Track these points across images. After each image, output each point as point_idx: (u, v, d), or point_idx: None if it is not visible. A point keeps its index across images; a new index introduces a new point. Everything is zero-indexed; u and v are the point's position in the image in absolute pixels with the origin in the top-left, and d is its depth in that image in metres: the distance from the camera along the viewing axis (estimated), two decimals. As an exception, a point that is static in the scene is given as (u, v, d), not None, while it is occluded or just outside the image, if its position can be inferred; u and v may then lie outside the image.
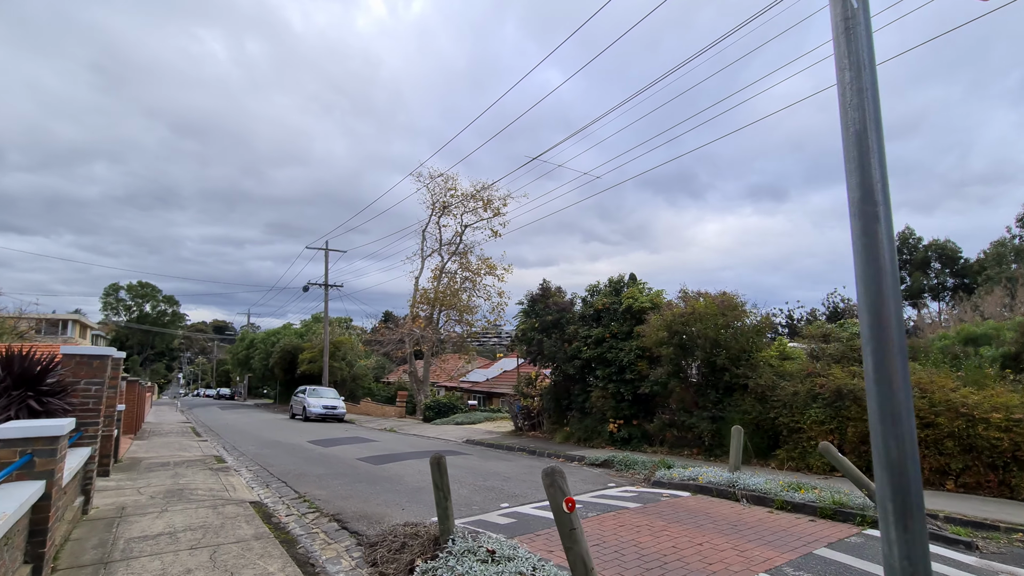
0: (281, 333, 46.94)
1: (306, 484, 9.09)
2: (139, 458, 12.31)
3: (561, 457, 12.03)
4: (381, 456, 12.14)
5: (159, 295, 78.97)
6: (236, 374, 67.38)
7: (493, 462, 11.30)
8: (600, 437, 13.12)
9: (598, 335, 13.31)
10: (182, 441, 16.12)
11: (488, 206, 26.86)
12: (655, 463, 9.46)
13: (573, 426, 14.10)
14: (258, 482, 9.65)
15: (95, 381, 7.08)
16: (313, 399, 25.93)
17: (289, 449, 14.21)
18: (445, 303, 26.44)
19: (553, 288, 16.24)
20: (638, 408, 12.67)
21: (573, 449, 12.84)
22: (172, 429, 20.93)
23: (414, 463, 10.97)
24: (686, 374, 11.43)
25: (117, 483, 9.09)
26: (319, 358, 36.58)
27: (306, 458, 12.31)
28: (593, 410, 13.37)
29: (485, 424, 20.84)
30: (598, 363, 13.32)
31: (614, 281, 14.24)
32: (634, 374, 12.41)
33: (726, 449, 10.53)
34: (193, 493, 8.14)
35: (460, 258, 27.91)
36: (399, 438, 17.04)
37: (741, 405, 10.21)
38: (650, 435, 12.35)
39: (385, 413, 28.61)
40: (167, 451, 13.73)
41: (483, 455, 12.57)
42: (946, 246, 58.09)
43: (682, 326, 10.95)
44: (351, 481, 9.18)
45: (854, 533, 5.24)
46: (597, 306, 13.64)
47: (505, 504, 7.04)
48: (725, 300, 10.72)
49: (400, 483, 8.85)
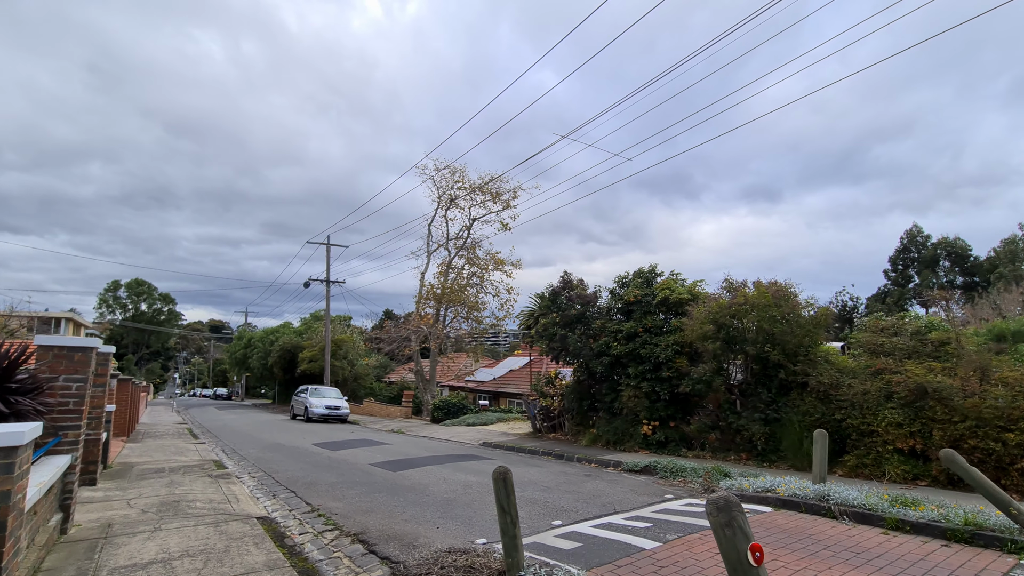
0: (280, 332, 45.79)
1: (318, 494, 8.05)
2: (131, 463, 11.25)
3: (593, 462, 11.02)
4: (397, 461, 11.10)
5: (155, 293, 77.57)
6: (233, 373, 66.18)
7: (522, 468, 10.28)
8: (632, 440, 12.11)
9: (630, 329, 12.31)
10: (178, 444, 15.05)
11: (497, 198, 25.85)
12: (708, 470, 8.46)
13: (600, 428, 13.10)
14: (264, 491, 8.62)
15: (76, 377, 6.03)
16: (315, 399, 24.85)
17: (294, 453, 13.17)
18: (453, 299, 25.40)
19: (575, 280, 15.23)
20: (675, 409, 11.67)
21: (604, 453, 11.83)
22: (168, 431, 19.84)
23: (436, 470, 9.94)
24: (733, 371, 10.44)
25: (105, 493, 8.04)
26: (320, 357, 35.48)
27: (314, 463, 11.28)
28: (624, 411, 12.37)
29: (498, 425, 19.82)
30: (630, 360, 12.31)
31: (644, 272, 13.24)
32: (671, 372, 11.41)
33: (782, 454, 9.55)
34: (191, 506, 7.11)
35: (468, 253, 26.88)
36: (410, 440, 16.00)
37: (800, 405, 9.22)
38: (689, 438, 11.36)
39: (390, 414, 27.55)
40: (162, 455, 12.67)
41: (507, 460, 11.54)
42: (955, 244, 57.30)
43: (730, 319, 9.96)
44: (369, 491, 8.15)
45: (1012, 565, 4.25)
46: (628, 298, 12.62)
47: (557, 521, 6.02)
48: (779, 290, 9.73)
49: (425, 494, 7.83)
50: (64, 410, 5.89)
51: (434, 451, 13.03)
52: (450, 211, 27.18)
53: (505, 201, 25.66)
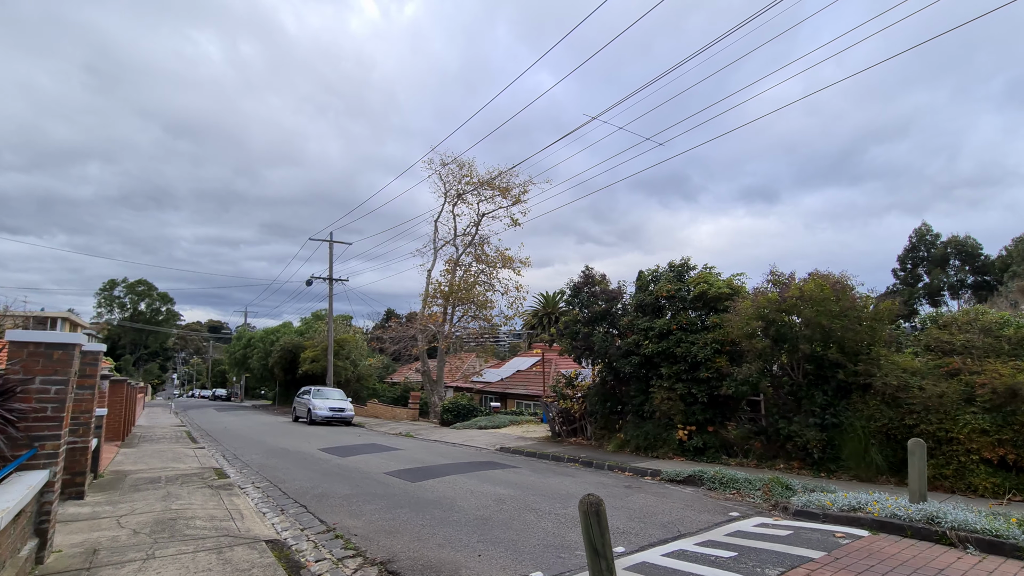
0: (280, 331, 44.86)
1: (332, 509, 7.18)
2: (125, 471, 10.36)
3: (627, 470, 10.14)
4: (414, 470, 10.22)
5: (154, 292, 76.54)
6: (233, 374, 65.23)
7: (552, 478, 9.40)
8: (665, 446, 11.24)
9: (662, 327, 11.43)
10: (176, 449, 14.15)
11: (507, 193, 24.98)
12: (766, 482, 7.60)
13: (628, 432, 12.22)
14: (270, 505, 7.73)
15: (56, 379, 5.16)
16: (318, 401, 23.95)
17: (300, 459, 12.28)
18: (462, 297, 24.51)
19: (597, 275, 14.37)
20: (713, 412, 10.80)
21: (636, 460, 10.95)
22: (165, 434, 18.94)
23: (459, 480, 9.06)
24: (782, 372, 9.58)
25: (93, 509, 7.15)
26: (322, 357, 34.57)
27: (323, 472, 10.39)
28: (656, 414, 11.50)
29: (511, 428, 18.94)
30: (662, 359, 11.45)
31: (676, 265, 12.36)
32: (711, 372, 10.54)
33: (842, 464, 8.67)
34: (190, 525, 6.22)
35: (476, 250, 26.01)
36: (422, 445, 15.11)
37: (863, 409, 8.36)
38: (729, 444, 10.49)
39: (396, 416, 26.66)
40: (158, 462, 11.78)
41: (533, 468, 10.67)
42: (966, 243, 56.52)
43: (780, 314, 9.10)
44: (389, 506, 7.27)
45: None
46: (660, 293, 11.75)
47: (619, 548, 5.15)
48: (837, 282, 8.87)
49: (454, 510, 6.95)
50: (41, 417, 5.02)
51: (451, 457, 12.14)
52: (458, 206, 26.35)
53: (515, 196, 24.80)
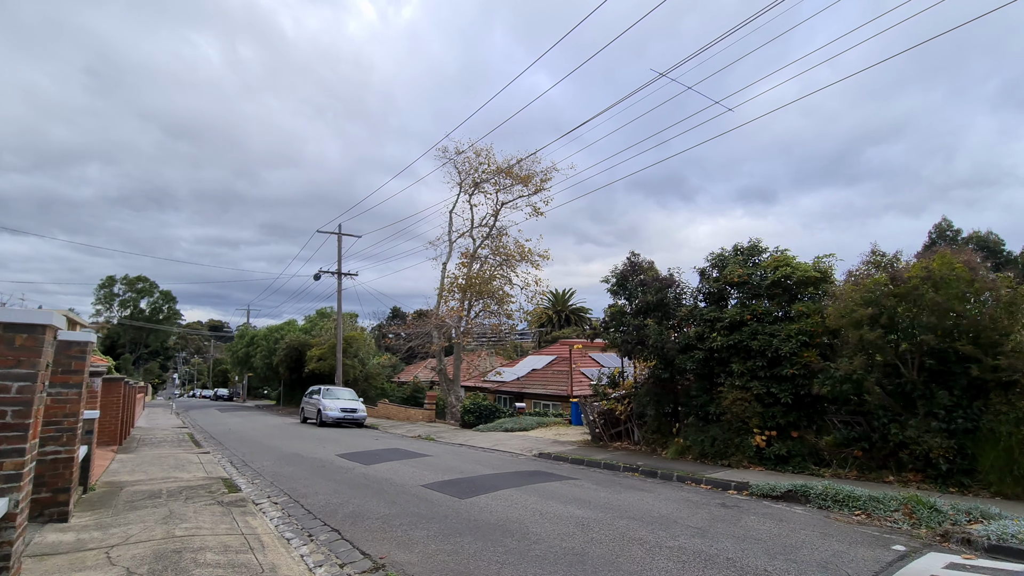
0: (285, 329, 43.47)
1: (373, 536, 5.77)
2: (120, 483, 8.96)
3: (702, 482, 8.73)
4: (456, 482, 8.80)
5: (156, 290, 75.11)
6: (235, 374, 63.85)
7: (626, 494, 7.98)
8: (739, 453, 9.82)
9: (733, 317, 10.02)
10: (178, 454, 12.76)
11: (528, 181, 23.56)
12: (903, 502, 6.18)
13: (690, 437, 10.81)
14: (294, 528, 6.33)
15: (17, 373, 3.78)
16: (328, 401, 22.55)
17: (318, 467, 10.88)
18: (482, 290, 23.09)
19: (644, 261, 12.95)
20: (798, 415, 9.39)
21: (706, 469, 9.54)
22: (166, 436, 17.56)
23: (515, 496, 7.65)
24: (887, 367, 8.16)
25: (78, 537, 5.75)
26: (329, 355, 33.20)
27: (348, 483, 8.99)
28: (726, 416, 10.09)
29: (540, 431, 17.53)
30: (733, 354, 10.04)
31: (744, 248, 10.93)
32: (797, 368, 9.13)
33: (979, 477, 7.24)
34: (199, 560, 4.82)
35: (494, 241, 24.60)
36: (451, 451, 13.70)
37: (1008, 412, 6.96)
38: (820, 452, 9.07)
39: (410, 416, 25.26)
40: (159, 470, 10.39)
41: (592, 479, 9.26)
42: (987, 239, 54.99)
43: (893, 299, 7.70)
44: (444, 531, 5.86)
45: None
46: (731, 279, 10.31)
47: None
48: (970, 260, 7.48)
49: (531, 539, 5.54)
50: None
51: (490, 466, 10.73)
52: (475, 196, 24.94)
53: (537, 184, 23.39)
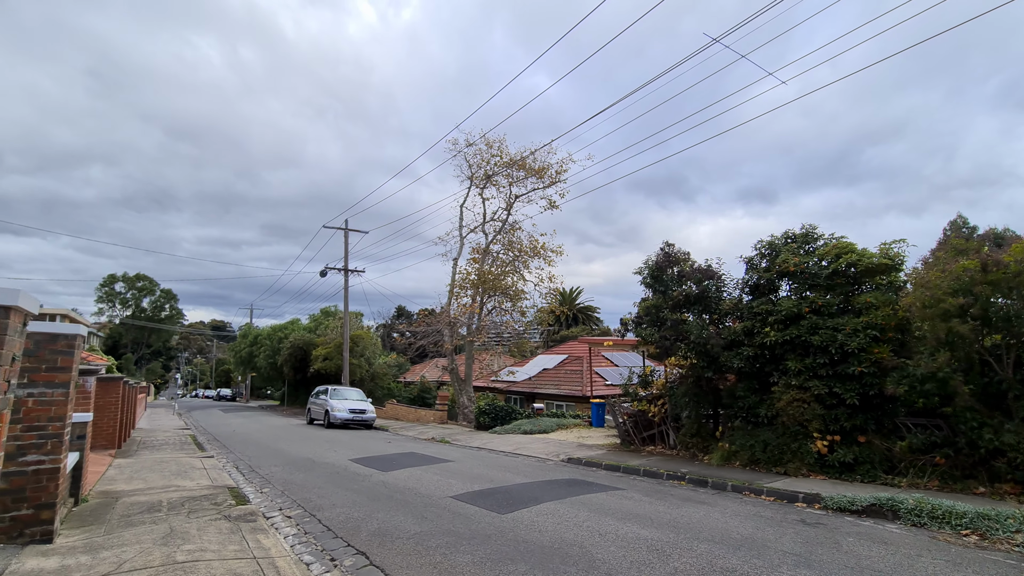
0: (289, 328, 42.65)
1: (407, 560, 4.89)
2: (116, 492, 8.10)
3: (763, 493, 7.84)
4: (488, 493, 7.92)
5: (157, 288, 74.33)
6: (238, 373, 63.06)
7: (685, 508, 7.09)
8: (796, 460, 8.92)
9: (789, 309, 9.11)
10: (180, 459, 11.90)
11: (543, 174, 22.66)
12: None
13: (737, 441, 9.91)
14: (314, 550, 5.45)
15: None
16: (336, 401, 21.68)
17: (332, 474, 10.01)
18: (496, 285, 22.20)
19: (679, 252, 12.06)
20: (866, 417, 8.47)
21: (761, 478, 8.64)
22: (168, 438, 16.72)
23: (564, 511, 6.75)
24: (983, 365, 7.26)
25: (62, 562, 4.87)
26: (335, 354, 32.37)
27: (369, 493, 8.12)
28: (780, 419, 9.19)
29: (560, 433, 16.64)
30: (789, 350, 9.14)
31: (796, 235, 9.99)
32: (866, 365, 8.22)
33: (1097, 489, 6.34)
34: (205, 600, 3.96)
35: (506, 236, 23.70)
36: (471, 455, 12.82)
37: None
38: (893, 458, 8.16)
39: (420, 418, 24.39)
40: (159, 477, 9.53)
41: (640, 489, 8.36)
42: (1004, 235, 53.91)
43: (987, 287, 6.80)
44: (493, 557, 4.97)
45: None
46: (785, 268, 9.40)
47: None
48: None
49: (596, 568, 4.64)
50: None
51: (520, 472, 9.85)
52: (487, 189, 24.06)
53: (552, 175, 22.49)
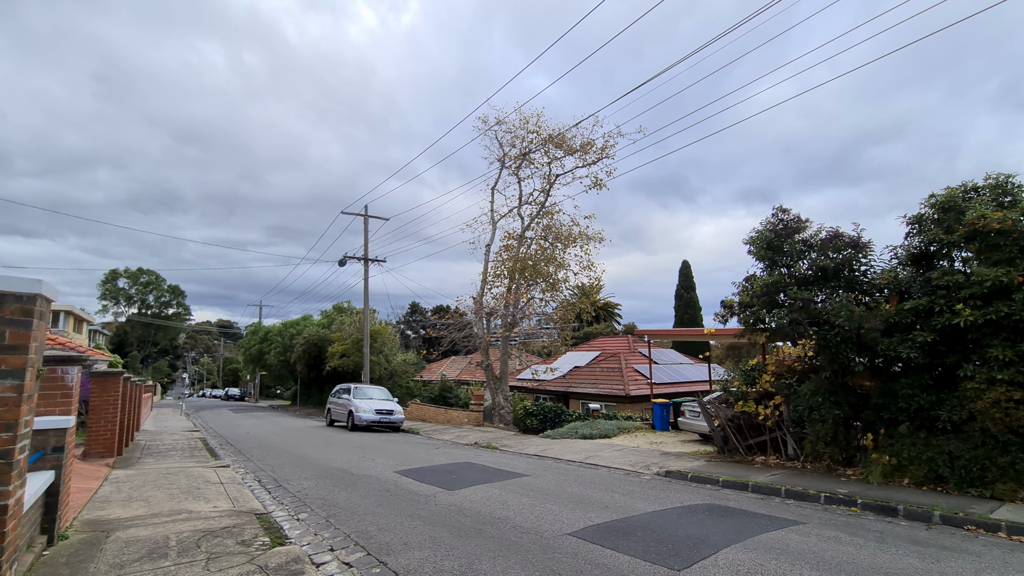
0: (301, 324, 40.64)
1: None
2: (109, 523, 5.98)
3: (1000, 529, 5.63)
4: (618, 528, 5.73)
5: (163, 284, 72.40)
6: (247, 372, 61.20)
7: (923, 556, 4.89)
8: (1009, 479, 6.70)
9: (996, 279, 6.87)
10: (191, 470, 9.78)
11: (589, 148, 20.43)
12: None
13: (904, 453, 7.68)
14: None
15: None
16: (361, 401, 19.57)
17: (381, 492, 7.87)
18: (539, 272, 20.00)
19: (792, 217, 9.85)
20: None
21: (967, 503, 6.43)
22: (175, 442, 14.65)
23: (751, 561, 4.58)
24: None
25: None
26: (352, 351, 30.29)
27: (445, 523, 5.96)
28: (977, 424, 6.97)
29: (624, 438, 14.44)
30: (993, 333, 6.92)
31: (987, 187, 7.73)
32: None
33: None
34: None
35: (546, 219, 21.50)
36: (543, 466, 10.65)
37: None
38: None
39: (451, 419, 22.25)
40: (165, 497, 7.41)
41: (820, 520, 6.16)
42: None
43: None
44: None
45: None
46: (983, 226, 7.12)
47: None
48: None
49: None
50: None
51: (627, 492, 7.65)
52: (522, 168, 21.86)
53: (599, 150, 20.25)
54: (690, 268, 56.21)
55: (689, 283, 55.39)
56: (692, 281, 55.55)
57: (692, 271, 56.23)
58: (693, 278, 55.71)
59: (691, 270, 56.20)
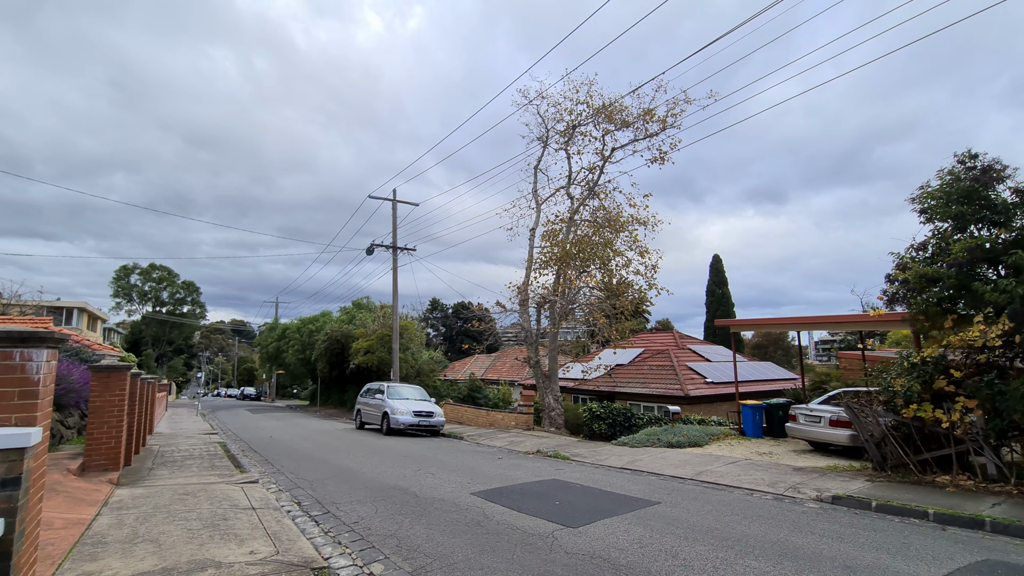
0: (321, 321, 38.79)
1: None
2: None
3: None
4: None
5: (177, 280, 71.10)
6: (263, 371, 59.66)
7: None
8: None
9: None
10: (213, 488, 7.70)
11: (650, 116, 18.16)
12: None
13: None
14: None
15: None
16: (397, 402, 17.49)
17: (471, 525, 5.72)
18: (597, 254, 17.80)
19: (998, 161, 7.55)
20: None
21: None
22: (192, 449, 12.66)
23: None
24: None
25: None
26: (378, 347, 28.30)
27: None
28: None
29: (717, 447, 12.18)
30: None
31: None
32: None
33: None
34: None
35: (601, 199, 19.28)
36: (652, 486, 8.44)
37: None
38: None
39: (494, 422, 20.11)
40: (182, 534, 5.31)
41: None
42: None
43: None
44: None
45: None
46: None
47: None
48: None
49: None
50: None
51: (840, 539, 5.42)
52: (571, 144, 19.66)
53: (662, 119, 17.97)
54: (721, 263, 53.54)
55: (721, 278, 52.77)
56: (724, 276, 52.92)
57: (723, 265, 53.61)
58: (725, 273, 53.07)
59: (722, 264, 53.52)
